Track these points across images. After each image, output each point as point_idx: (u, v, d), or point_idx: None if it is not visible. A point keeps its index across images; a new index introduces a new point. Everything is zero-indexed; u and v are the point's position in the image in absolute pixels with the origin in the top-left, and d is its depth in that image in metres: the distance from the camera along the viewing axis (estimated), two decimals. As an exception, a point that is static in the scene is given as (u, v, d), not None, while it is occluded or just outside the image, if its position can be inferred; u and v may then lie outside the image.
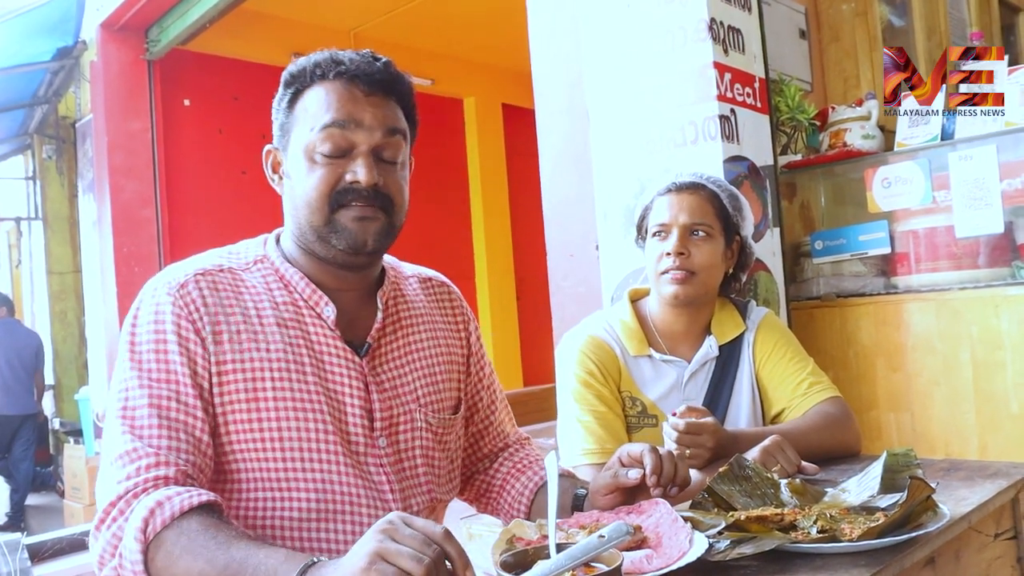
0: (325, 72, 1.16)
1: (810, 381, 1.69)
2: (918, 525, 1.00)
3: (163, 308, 1.11)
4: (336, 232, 1.14)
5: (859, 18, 2.85)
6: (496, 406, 1.44)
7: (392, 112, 1.18)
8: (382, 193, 1.15)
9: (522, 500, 1.34)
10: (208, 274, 1.15)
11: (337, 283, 1.21)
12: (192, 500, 0.98)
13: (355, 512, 1.13)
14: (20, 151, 7.51)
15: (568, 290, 2.65)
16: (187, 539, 0.94)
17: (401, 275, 1.36)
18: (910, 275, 2.38)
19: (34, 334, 6.65)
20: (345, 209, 1.14)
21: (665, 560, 0.90)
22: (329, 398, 1.15)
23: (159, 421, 1.05)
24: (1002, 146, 2.18)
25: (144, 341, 1.10)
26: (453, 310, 1.40)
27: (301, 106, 1.17)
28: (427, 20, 6.16)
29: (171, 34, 5.29)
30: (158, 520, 0.96)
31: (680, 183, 1.72)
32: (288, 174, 1.19)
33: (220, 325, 1.12)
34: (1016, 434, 2.12)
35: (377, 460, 1.17)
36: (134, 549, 0.96)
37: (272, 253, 1.22)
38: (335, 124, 1.13)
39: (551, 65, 2.72)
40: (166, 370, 1.09)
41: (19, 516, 6.23)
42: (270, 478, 1.11)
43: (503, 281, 7.26)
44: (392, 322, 1.26)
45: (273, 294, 1.18)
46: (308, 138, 1.14)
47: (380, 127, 1.15)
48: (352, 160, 1.14)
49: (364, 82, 1.15)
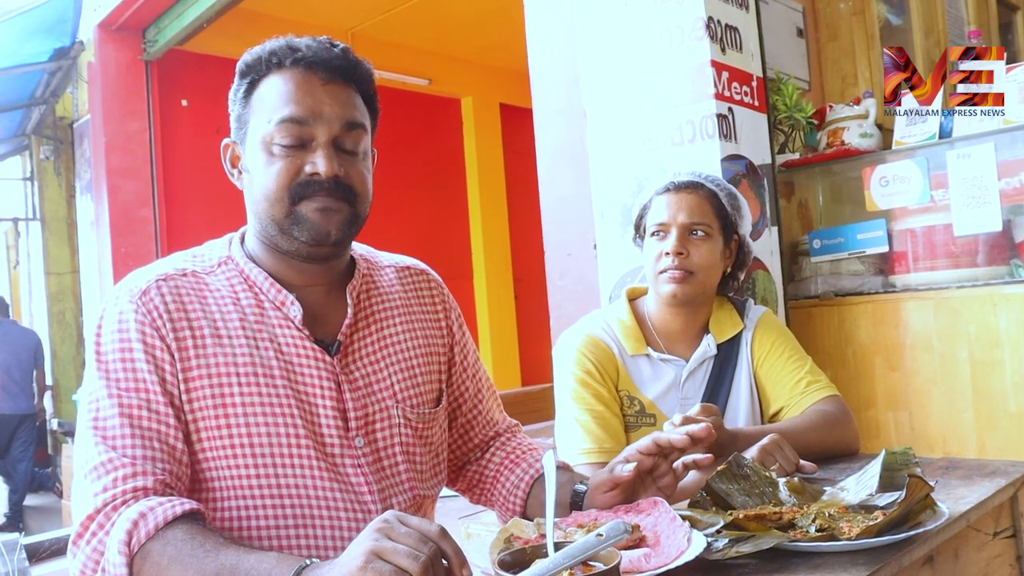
0: (281, 60, 1.12)
1: (808, 380, 1.69)
2: (917, 524, 1.00)
3: (126, 316, 1.09)
4: (298, 224, 1.11)
5: (857, 16, 2.85)
6: (483, 394, 1.41)
7: (351, 100, 1.14)
8: (344, 184, 1.11)
9: (517, 492, 1.31)
10: (170, 279, 1.13)
11: (303, 278, 1.18)
12: (175, 509, 0.96)
13: (333, 516, 1.11)
14: (18, 152, 7.50)
15: (566, 289, 2.65)
16: (174, 549, 0.93)
17: (376, 266, 1.32)
18: (908, 274, 2.38)
19: (32, 333, 6.63)
20: (307, 201, 1.10)
21: (663, 559, 0.90)
22: (300, 401, 1.12)
23: (131, 431, 1.03)
24: (1000, 144, 2.18)
25: (110, 351, 1.08)
26: (432, 298, 1.36)
27: (258, 96, 1.14)
28: (425, 20, 6.16)
29: (168, 34, 5.29)
30: (142, 532, 0.94)
31: (679, 182, 1.72)
32: (247, 168, 1.15)
33: (184, 331, 1.09)
34: (1014, 432, 2.12)
35: (355, 461, 1.15)
36: (119, 563, 0.94)
37: (236, 254, 1.19)
38: (293, 115, 1.09)
39: (548, 64, 2.72)
40: (135, 379, 1.06)
41: (17, 516, 6.22)
42: (243, 485, 1.09)
43: (501, 280, 7.27)
44: (364, 316, 1.23)
45: (238, 297, 1.15)
46: (266, 130, 1.11)
47: (339, 118, 1.11)
48: (311, 152, 1.10)
49: (322, 68, 1.12)
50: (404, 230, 6.31)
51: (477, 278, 7.21)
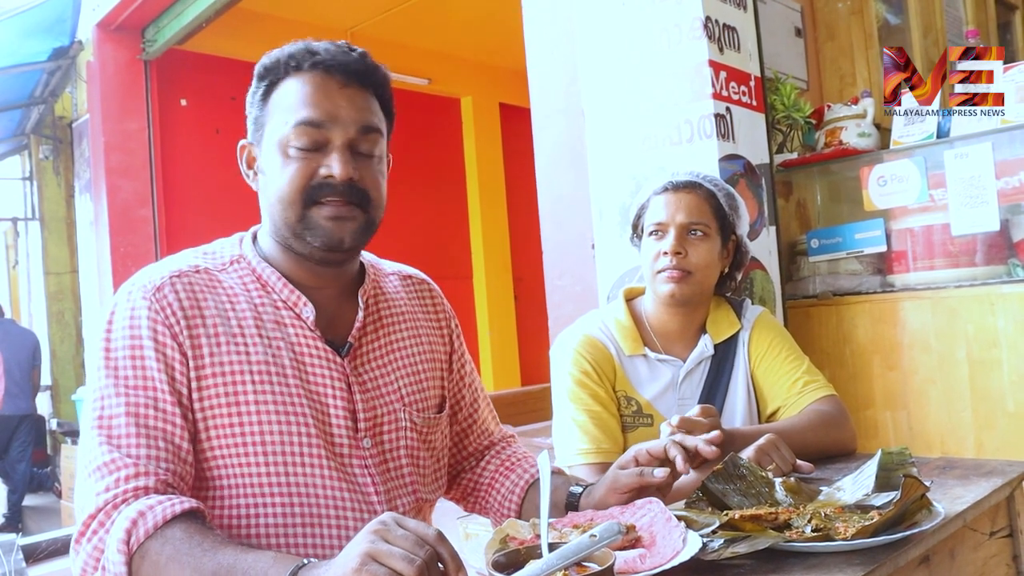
0: (300, 63, 1.13)
1: (805, 380, 1.69)
2: (913, 524, 1.00)
3: (138, 313, 1.08)
4: (310, 230, 1.11)
5: (855, 16, 2.85)
6: (479, 404, 1.42)
7: (368, 105, 1.15)
8: (358, 188, 1.12)
9: (512, 498, 1.32)
10: (184, 275, 1.12)
11: (315, 281, 1.19)
12: (175, 508, 0.96)
13: (340, 516, 1.12)
14: (17, 151, 7.50)
15: (564, 289, 2.65)
16: (172, 547, 0.93)
17: (381, 273, 1.33)
18: (906, 273, 2.38)
19: (31, 333, 6.64)
20: (319, 207, 1.11)
21: (659, 559, 0.90)
22: (311, 401, 1.13)
23: (137, 430, 1.03)
24: (998, 144, 2.18)
25: (119, 347, 1.07)
26: (435, 308, 1.38)
27: (275, 99, 1.14)
28: (424, 19, 6.17)
29: (167, 34, 5.29)
30: (141, 530, 0.94)
31: (677, 182, 1.72)
32: (262, 169, 1.16)
33: (198, 328, 1.09)
34: (1012, 432, 2.12)
35: (362, 462, 1.16)
36: (118, 561, 0.94)
37: (248, 252, 1.19)
38: (310, 118, 1.10)
39: (547, 64, 2.72)
40: (143, 376, 1.06)
41: (16, 517, 6.22)
42: (252, 483, 1.09)
43: (501, 280, 7.27)
44: (373, 320, 1.24)
45: (251, 295, 1.15)
46: (282, 132, 1.11)
47: (356, 122, 1.12)
48: (327, 155, 1.11)
49: (340, 72, 1.13)
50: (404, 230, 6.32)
51: (477, 278, 7.20)
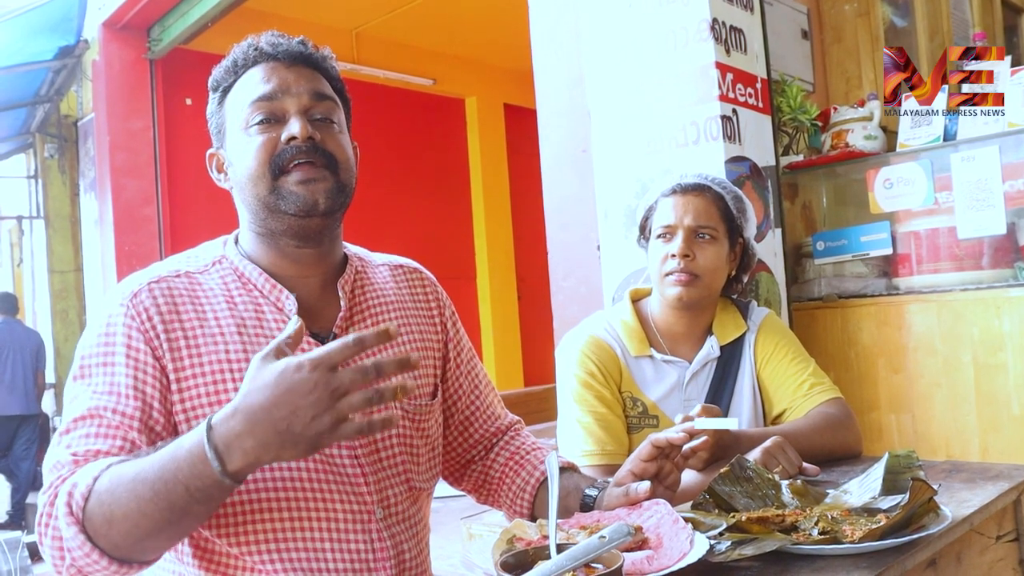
0: (246, 61, 1.18)
1: (811, 382, 1.69)
2: (920, 527, 1.00)
3: (115, 320, 1.10)
4: (283, 199, 1.13)
5: (861, 18, 2.85)
6: (481, 389, 1.42)
7: (317, 78, 1.19)
8: (322, 149, 1.14)
9: (524, 496, 1.32)
10: (163, 281, 1.14)
11: (297, 270, 1.20)
12: (100, 467, 0.96)
13: (329, 509, 1.12)
14: (22, 150, 7.51)
15: (569, 290, 2.65)
16: (108, 494, 0.93)
17: (369, 264, 1.34)
18: (912, 276, 2.37)
19: (35, 334, 6.65)
20: (288, 175, 1.13)
21: (666, 561, 0.90)
22: None
23: (97, 429, 1.04)
24: (1004, 147, 2.18)
25: (93, 354, 1.09)
26: (426, 295, 1.38)
27: (230, 100, 1.19)
28: (429, 20, 6.17)
29: (173, 33, 5.30)
30: (78, 493, 0.94)
31: (685, 184, 1.71)
32: (231, 162, 1.19)
33: (176, 332, 1.11)
34: (1018, 436, 2.11)
35: (351, 452, 1.16)
36: (73, 533, 0.94)
37: (231, 253, 1.21)
38: (263, 93, 1.14)
39: (552, 65, 2.72)
40: (111, 383, 1.07)
41: (20, 515, 6.23)
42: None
43: (504, 281, 7.26)
44: (360, 311, 1.25)
45: (232, 294, 1.17)
46: (241, 117, 1.15)
47: (308, 91, 1.16)
48: (285, 123, 1.15)
49: (284, 56, 1.17)
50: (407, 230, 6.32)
51: (480, 278, 7.20)
